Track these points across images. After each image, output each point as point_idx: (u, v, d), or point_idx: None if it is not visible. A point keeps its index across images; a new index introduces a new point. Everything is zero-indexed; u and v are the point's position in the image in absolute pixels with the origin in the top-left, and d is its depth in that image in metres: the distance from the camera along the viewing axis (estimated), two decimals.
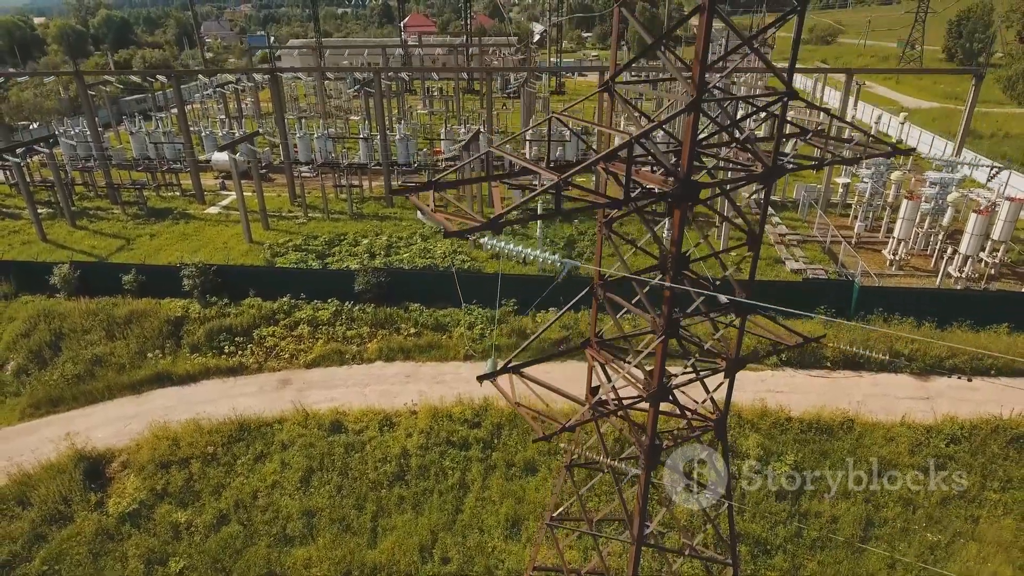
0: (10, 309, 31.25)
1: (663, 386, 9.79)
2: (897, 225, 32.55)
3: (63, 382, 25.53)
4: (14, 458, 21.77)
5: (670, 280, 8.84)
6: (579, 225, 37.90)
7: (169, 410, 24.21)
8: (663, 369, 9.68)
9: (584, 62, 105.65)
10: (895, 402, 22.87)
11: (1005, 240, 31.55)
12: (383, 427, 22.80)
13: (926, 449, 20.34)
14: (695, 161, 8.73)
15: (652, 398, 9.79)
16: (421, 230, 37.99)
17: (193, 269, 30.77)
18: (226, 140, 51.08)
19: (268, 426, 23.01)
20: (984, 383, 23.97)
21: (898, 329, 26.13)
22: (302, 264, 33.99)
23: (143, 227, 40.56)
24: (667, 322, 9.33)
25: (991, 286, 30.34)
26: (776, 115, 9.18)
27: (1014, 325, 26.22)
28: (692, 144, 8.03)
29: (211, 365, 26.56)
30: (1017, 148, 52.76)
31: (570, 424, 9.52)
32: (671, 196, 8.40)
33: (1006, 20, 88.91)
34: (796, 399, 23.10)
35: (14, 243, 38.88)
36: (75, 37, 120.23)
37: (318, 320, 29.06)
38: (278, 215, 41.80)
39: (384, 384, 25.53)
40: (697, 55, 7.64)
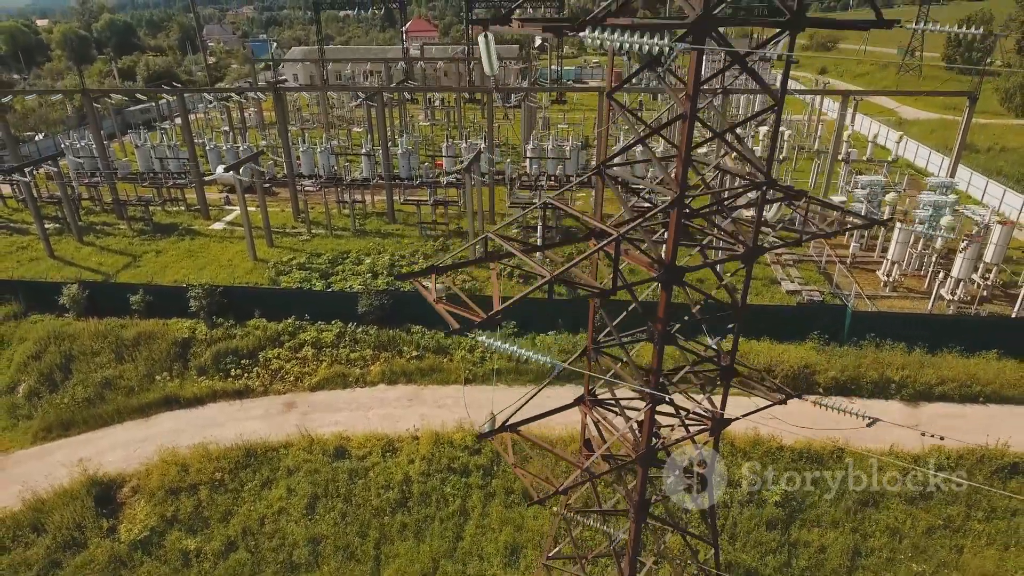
0: (20, 329, 31.90)
1: (651, 448, 10.39)
2: (891, 247, 33.11)
3: (74, 405, 26.19)
4: (28, 483, 22.41)
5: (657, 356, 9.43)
6: (580, 246, 38.43)
7: (177, 434, 24.86)
8: (652, 433, 10.28)
9: (585, 69, 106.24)
10: (885, 430, 23.35)
11: (997, 263, 32.13)
12: (386, 452, 23.43)
13: (914, 479, 20.91)
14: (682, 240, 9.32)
15: (641, 460, 10.39)
16: (423, 248, 38.60)
17: (200, 290, 31.41)
18: (230, 153, 51.81)
19: (274, 451, 23.65)
20: (973, 410, 24.58)
21: (890, 355, 26.71)
22: (306, 283, 34.63)
23: (149, 243, 41.20)
24: (655, 389, 9.93)
25: (982, 309, 30.86)
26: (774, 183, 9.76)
27: (1003, 351, 26.77)
28: (676, 236, 8.63)
29: (218, 388, 27.20)
30: (1014, 162, 53.23)
31: (563, 488, 10.12)
32: (657, 280, 9.00)
33: (1005, 28, 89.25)
34: (787, 426, 23.65)
35: (22, 260, 39.54)
36: (78, 42, 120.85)
37: (322, 342, 29.69)
38: (282, 231, 42.42)
39: (387, 408, 26.16)
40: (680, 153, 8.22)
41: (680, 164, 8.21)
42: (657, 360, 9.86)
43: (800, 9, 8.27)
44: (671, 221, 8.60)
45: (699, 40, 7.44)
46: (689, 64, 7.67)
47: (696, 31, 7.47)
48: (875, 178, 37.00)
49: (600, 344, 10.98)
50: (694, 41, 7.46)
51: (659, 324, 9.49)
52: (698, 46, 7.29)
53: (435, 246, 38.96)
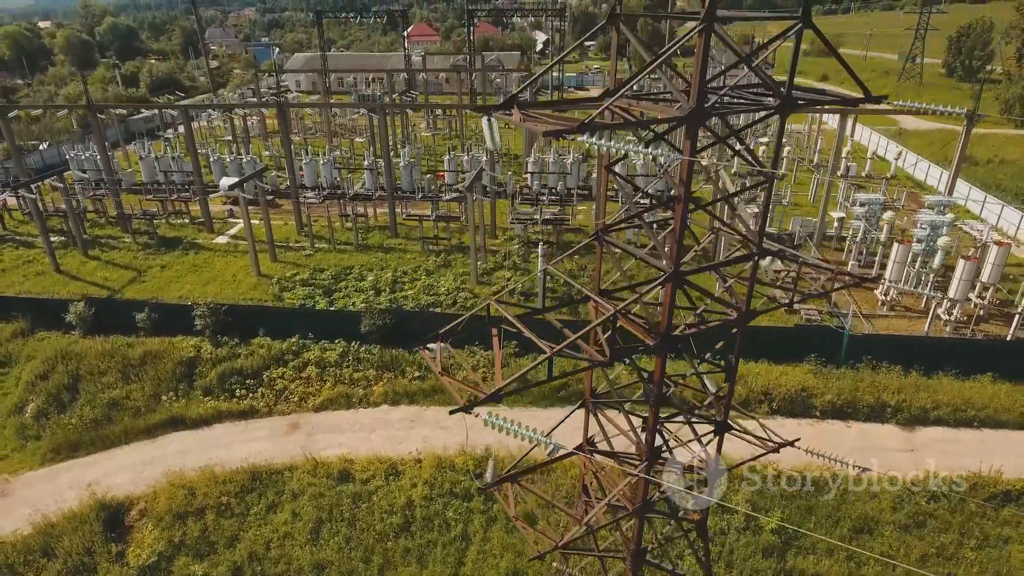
0: (28, 347, 32.34)
1: (647, 503, 10.76)
2: (888, 267, 33.44)
3: (81, 426, 26.60)
4: (38, 505, 22.84)
5: (652, 416, 9.80)
6: (579, 260, 38.81)
7: (184, 455, 25.27)
8: (647, 489, 10.65)
9: (587, 75, 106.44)
10: (880, 455, 23.79)
11: (994, 283, 32.45)
12: (389, 476, 23.82)
13: (907, 506, 21.28)
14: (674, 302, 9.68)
15: (637, 512, 10.77)
16: (425, 264, 38.98)
17: (205, 309, 31.84)
18: (233, 166, 52.23)
19: (279, 474, 24.05)
20: (968, 434, 24.93)
21: (886, 378, 27.06)
22: (309, 300, 35.02)
23: (154, 257, 41.58)
24: (649, 452, 10.30)
25: (979, 331, 31.17)
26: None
27: (998, 374, 27.11)
28: (671, 307, 9.00)
29: (223, 408, 27.61)
30: (1012, 175, 53.54)
31: (562, 543, 10.50)
32: (653, 349, 9.37)
33: (1005, 36, 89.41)
34: (784, 450, 24.00)
35: (28, 274, 39.96)
36: (82, 47, 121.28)
37: (326, 361, 30.08)
38: (285, 245, 42.80)
39: (389, 429, 26.55)
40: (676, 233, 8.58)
41: (675, 241, 8.58)
42: (653, 419, 10.23)
43: (790, 94, 8.62)
44: (666, 294, 8.98)
45: (693, 131, 7.81)
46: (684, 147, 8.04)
47: (690, 123, 7.83)
48: (873, 196, 37.32)
49: (598, 400, 11.35)
50: (688, 132, 7.82)
51: (655, 388, 9.86)
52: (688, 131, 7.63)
53: (437, 262, 39.32)
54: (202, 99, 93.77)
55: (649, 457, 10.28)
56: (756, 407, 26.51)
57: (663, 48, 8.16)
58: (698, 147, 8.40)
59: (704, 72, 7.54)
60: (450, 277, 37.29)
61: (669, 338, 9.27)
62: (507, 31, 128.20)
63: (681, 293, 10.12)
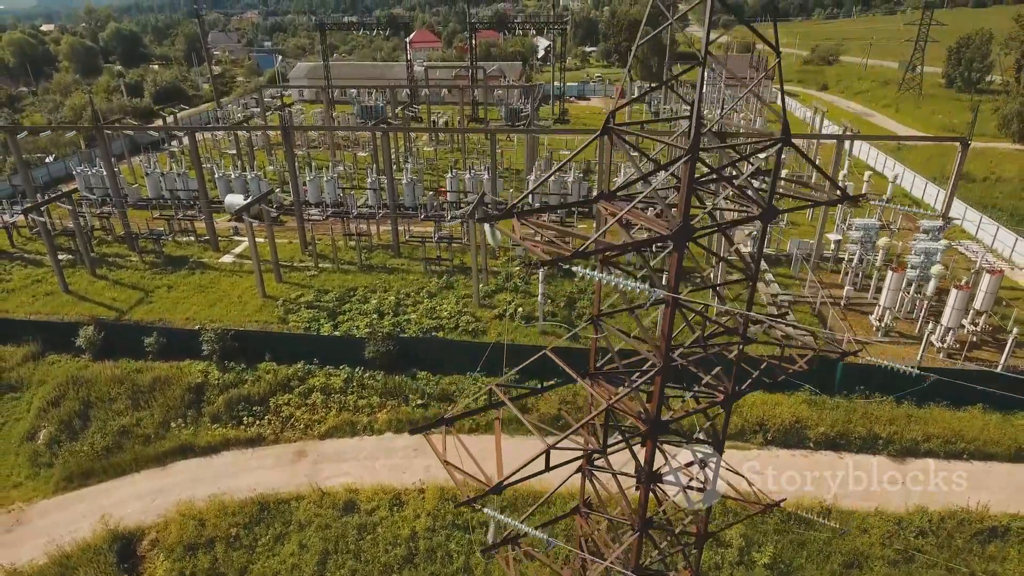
0: (39, 371, 33.02)
1: (640, 568, 11.40)
2: (883, 294, 34.02)
3: (93, 454, 27.28)
4: (53, 535, 23.54)
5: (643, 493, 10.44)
6: (579, 283, 39.42)
7: (193, 484, 25.96)
8: (640, 550, 11.29)
9: (588, 85, 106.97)
10: (871, 486, 24.44)
11: (986, 310, 33.06)
12: (393, 506, 24.49)
13: (897, 541, 21.91)
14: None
15: (638, 526, 11.39)
16: (427, 286, 39.60)
17: (212, 334, 32.54)
18: (239, 183, 52.97)
19: (286, 503, 24.73)
20: (957, 466, 25.54)
21: (878, 408, 27.67)
22: (314, 323, 35.67)
23: (160, 277, 42.21)
24: (642, 521, 10.95)
25: (972, 358, 31.74)
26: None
27: (988, 405, 27.70)
28: (659, 400, 9.64)
29: (231, 436, 28.29)
30: (1008, 194, 54.03)
31: None
32: (643, 433, 10.01)
33: (1004, 47, 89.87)
34: (778, 485, 24.67)
35: (37, 294, 40.60)
36: (86, 53, 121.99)
37: (331, 387, 30.75)
38: (290, 265, 43.41)
39: (393, 458, 27.22)
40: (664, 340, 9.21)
41: (663, 349, 9.21)
42: (644, 494, 10.86)
43: (771, 204, 9.24)
44: (655, 386, 9.61)
45: (679, 248, 8.43)
46: (671, 264, 8.67)
47: (677, 240, 8.45)
48: (869, 221, 37.88)
49: (594, 464, 11.99)
50: (675, 248, 8.44)
51: (646, 467, 10.49)
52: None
53: (439, 283, 39.92)
54: (206, 108, 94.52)
55: (641, 526, 10.91)
56: (751, 437, 27.16)
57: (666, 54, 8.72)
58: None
59: (689, 197, 8.16)
60: (452, 300, 37.91)
61: (659, 423, 9.90)
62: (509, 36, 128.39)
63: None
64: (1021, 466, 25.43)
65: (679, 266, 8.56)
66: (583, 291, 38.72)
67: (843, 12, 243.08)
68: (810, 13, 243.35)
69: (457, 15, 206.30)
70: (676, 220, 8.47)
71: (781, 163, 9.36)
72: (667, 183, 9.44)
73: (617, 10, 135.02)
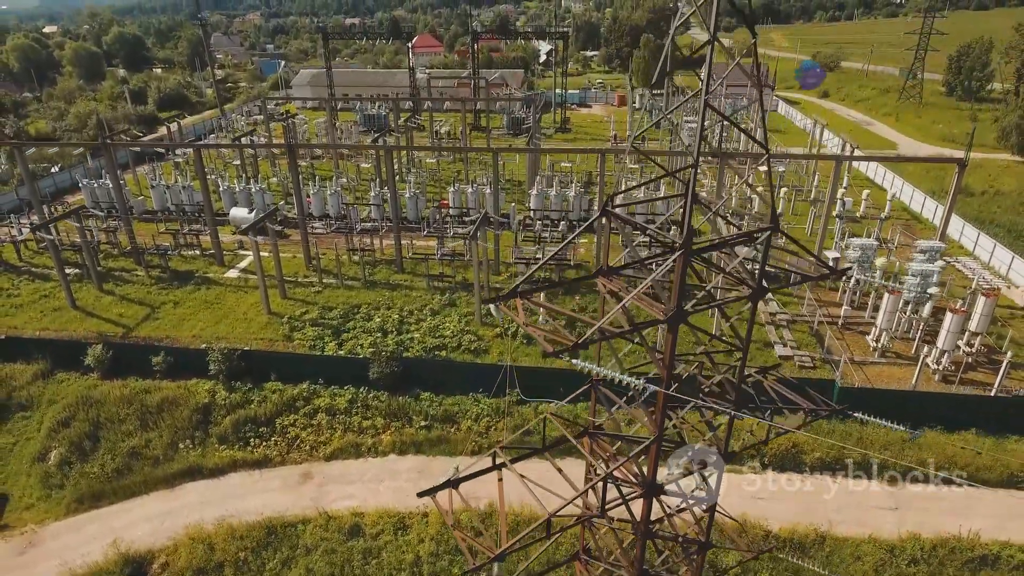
0: (48, 390, 33.59)
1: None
2: (879, 315, 34.49)
3: (103, 476, 27.86)
4: (65, 557, 24.12)
5: (639, 546, 10.96)
6: (580, 301, 39.94)
7: (201, 506, 26.52)
8: None
9: (589, 91, 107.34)
10: (866, 512, 24.97)
11: (981, 332, 33.54)
12: (397, 530, 25.04)
13: (889, 569, 22.42)
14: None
15: None
16: (430, 303, 40.12)
17: (218, 354, 33.09)
18: (243, 195, 53.53)
19: (292, 527, 25.30)
20: (950, 492, 26.03)
21: (873, 433, 28.15)
22: (319, 342, 36.23)
23: (167, 292, 42.75)
24: (639, 572, 11.49)
25: (966, 379, 32.21)
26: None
27: (981, 429, 28.20)
28: (655, 466, 10.16)
29: (238, 458, 28.85)
30: (1007, 208, 54.38)
31: None
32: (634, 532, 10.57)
33: (1004, 56, 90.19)
34: (775, 507, 25.23)
35: (46, 309, 41.15)
36: (90, 58, 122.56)
37: (335, 408, 31.31)
38: (294, 281, 43.94)
39: (398, 480, 27.76)
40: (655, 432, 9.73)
41: (654, 451, 9.75)
42: (640, 547, 11.39)
43: (760, 284, 9.76)
44: (651, 455, 10.13)
45: (674, 331, 8.94)
46: (666, 344, 9.18)
47: (672, 323, 8.96)
48: (867, 241, 38.33)
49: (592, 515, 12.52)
50: (670, 329, 8.96)
51: (642, 524, 11.02)
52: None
53: (442, 300, 40.42)
54: (209, 115, 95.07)
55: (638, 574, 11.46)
56: (748, 461, 27.66)
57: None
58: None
59: (682, 286, 8.68)
60: (455, 317, 38.43)
61: (647, 532, 10.44)
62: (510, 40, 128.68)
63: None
64: (1012, 492, 25.94)
65: (673, 346, 9.07)
66: (584, 309, 39.25)
67: (844, 15, 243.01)
68: (811, 16, 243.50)
69: (459, 17, 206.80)
70: (671, 305, 8.99)
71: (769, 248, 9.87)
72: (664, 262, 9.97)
73: (618, 15, 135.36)
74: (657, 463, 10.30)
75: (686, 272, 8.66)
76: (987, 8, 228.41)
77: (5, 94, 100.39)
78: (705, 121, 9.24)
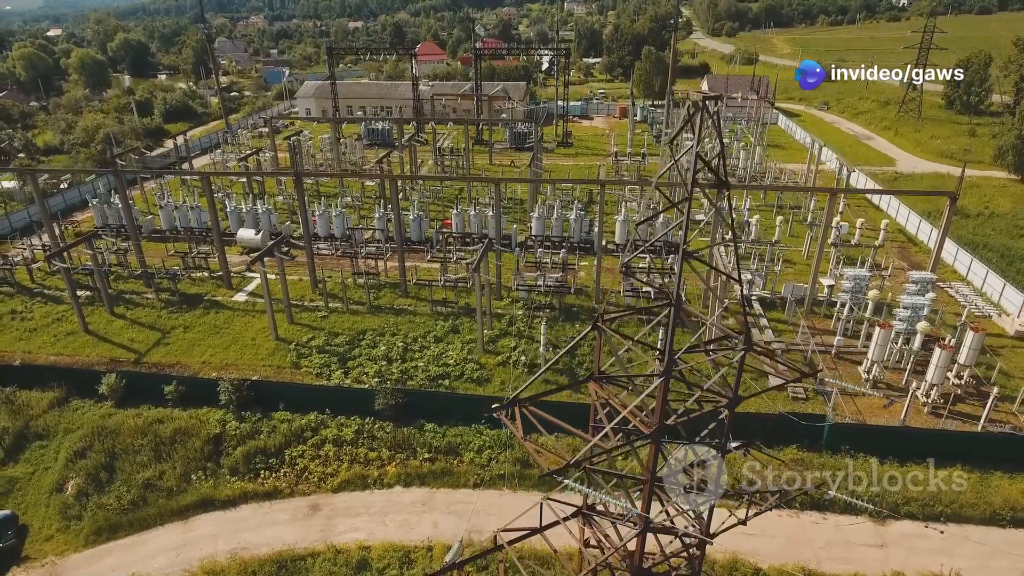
0: (64, 419, 34.67)
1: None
2: (871, 348, 35.42)
3: (120, 509, 28.92)
4: None
5: None
6: (580, 328, 40.91)
7: (214, 539, 27.60)
8: None
9: (591, 103, 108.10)
10: (852, 550, 25.95)
11: (970, 365, 34.47)
12: (403, 564, 26.10)
13: None
14: None
15: None
16: (434, 329, 41.14)
17: (228, 385, 34.15)
18: (250, 216, 54.62)
19: (302, 560, 26.37)
20: (934, 530, 26.95)
21: (863, 468, 29.10)
22: (325, 369, 37.30)
23: (176, 317, 43.82)
24: None
25: (955, 411, 33.16)
26: None
27: (968, 464, 29.12)
28: (640, 554, 11.16)
29: (248, 489, 29.90)
30: (1001, 230, 55.19)
31: None
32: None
33: (1003, 70, 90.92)
34: (765, 543, 26.22)
35: (59, 334, 42.25)
36: (96, 67, 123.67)
37: (342, 439, 32.34)
38: (301, 305, 44.97)
39: (403, 513, 28.80)
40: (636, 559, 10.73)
41: (639, 546, 10.74)
42: None
43: (736, 393, 10.75)
44: (637, 543, 11.12)
45: (657, 442, 9.92)
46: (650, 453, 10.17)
47: (655, 438, 9.93)
48: (860, 272, 39.24)
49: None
50: (652, 443, 9.95)
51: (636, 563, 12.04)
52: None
53: (445, 327, 41.42)
54: (215, 127, 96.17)
55: None
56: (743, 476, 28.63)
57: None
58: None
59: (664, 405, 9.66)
60: (458, 345, 39.44)
61: (644, 572, 11.44)
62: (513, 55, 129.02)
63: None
64: (995, 529, 26.89)
65: (655, 458, 10.06)
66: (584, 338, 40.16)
67: (847, 19, 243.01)
68: (814, 20, 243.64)
69: (461, 22, 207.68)
70: (653, 420, 9.97)
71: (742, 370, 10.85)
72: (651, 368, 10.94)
73: (621, 24, 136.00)
74: (642, 555, 11.30)
75: (667, 394, 9.64)
76: (989, 12, 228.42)
77: (13, 105, 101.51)
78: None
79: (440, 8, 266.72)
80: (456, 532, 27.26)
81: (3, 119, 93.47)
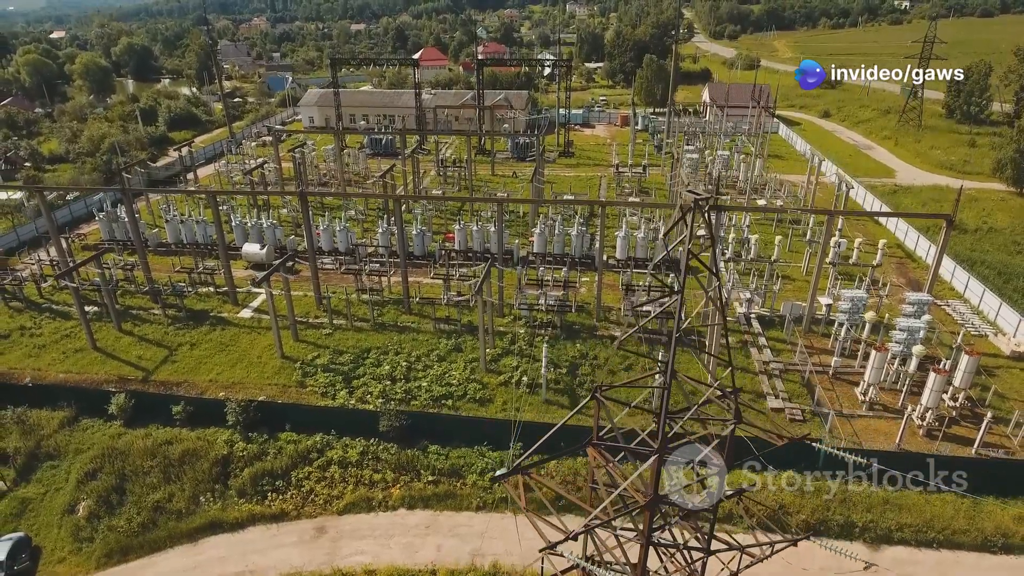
0: (75, 439, 35.32)
1: None
2: (867, 370, 35.98)
3: (130, 531, 29.58)
4: None
5: None
6: (581, 347, 41.51)
7: (223, 561, 28.26)
8: None
9: (592, 111, 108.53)
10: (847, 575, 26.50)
11: (965, 388, 35.05)
12: None
13: None
14: None
15: None
16: (437, 348, 41.74)
17: (235, 406, 34.80)
18: (254, 231, 55.26)
19: None
20: (927, 555, 27.58)
21: (857, 493, 29.69)
22: (330, 388, 37.94)
23: (183, 334, 44.44)
24: None
25: (950, 432, 33.72)
26: None
27: (959, 491, 29.67)
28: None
29: (256, 512, 30.56)
30: (999, 246, 55.65)
31: None
32: None
33: (1003, 79, 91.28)
34: (762, 569, 26.77)
35: (67, 351, 42.89)
36: (100, 73, 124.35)
37: (347, 460, 32.96)
38: (306, 322, 45.57)
39: (407, 536, 29.44)
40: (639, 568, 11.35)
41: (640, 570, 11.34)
42: None
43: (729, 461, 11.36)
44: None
45: (651, 512, 10.52)
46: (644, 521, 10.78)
47: (649, 507, 10.52)
48: (857, 294, 39.78)
49: None
50: (646, 512, 10.55)
51: None
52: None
53: (448, 345, 42.02)
54: (219, 135, 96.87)
55: None
56: (737, 520, 29.23)
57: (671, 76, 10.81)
58: None
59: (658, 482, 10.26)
60: (461, 364, 40.05)
61: None
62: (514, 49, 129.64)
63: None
64: (987, 556, 27.48)
65: (650, 526, 10.65)
66: (584, 355, 40.83)
67: (848, 22, 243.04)
68: (815, 22, 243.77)
69: (463, 24, 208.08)
70: (648, 491, 10.56)
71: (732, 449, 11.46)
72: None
73: (622, 30, 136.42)
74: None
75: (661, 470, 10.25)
76: (991, 15, 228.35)
77: (19, 112, 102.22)
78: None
79: (442, 10, 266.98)
80: (460, 556, 27.93)
81: (9, 127, 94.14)
